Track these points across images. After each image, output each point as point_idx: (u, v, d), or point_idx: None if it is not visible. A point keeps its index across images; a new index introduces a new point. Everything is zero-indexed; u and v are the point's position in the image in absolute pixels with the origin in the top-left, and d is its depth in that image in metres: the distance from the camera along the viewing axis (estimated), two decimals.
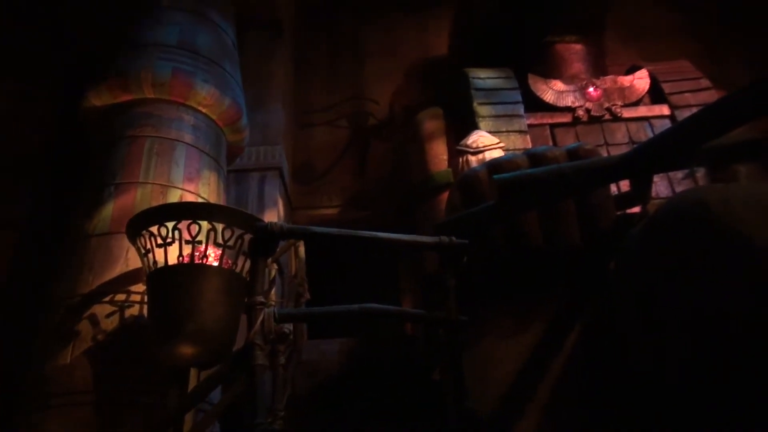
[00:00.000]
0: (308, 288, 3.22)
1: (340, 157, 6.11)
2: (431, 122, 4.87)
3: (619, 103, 4.57)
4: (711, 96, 4.45)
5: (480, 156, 3.99)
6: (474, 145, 4.05)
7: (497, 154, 3.97)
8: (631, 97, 4.63)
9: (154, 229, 3.00)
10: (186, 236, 2.96)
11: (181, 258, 2.96)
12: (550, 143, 4.46)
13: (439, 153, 4.72)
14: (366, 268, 5.98)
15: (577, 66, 4.88)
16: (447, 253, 2.34)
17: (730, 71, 5.86)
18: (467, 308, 2.51)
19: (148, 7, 4.35)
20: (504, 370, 2.54)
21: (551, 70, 4.86)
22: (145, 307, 3.28)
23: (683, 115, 4.34)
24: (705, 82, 4.63)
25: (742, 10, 6.29)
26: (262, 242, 2.12)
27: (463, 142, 4.14)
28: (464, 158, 4.03)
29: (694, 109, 4.26)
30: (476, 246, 2.55)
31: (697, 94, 4.51)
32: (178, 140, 3.94)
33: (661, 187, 4.05)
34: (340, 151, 6.13)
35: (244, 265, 3.01)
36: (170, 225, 2.97)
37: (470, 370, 2.42)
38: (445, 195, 3.72)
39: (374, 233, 2.26)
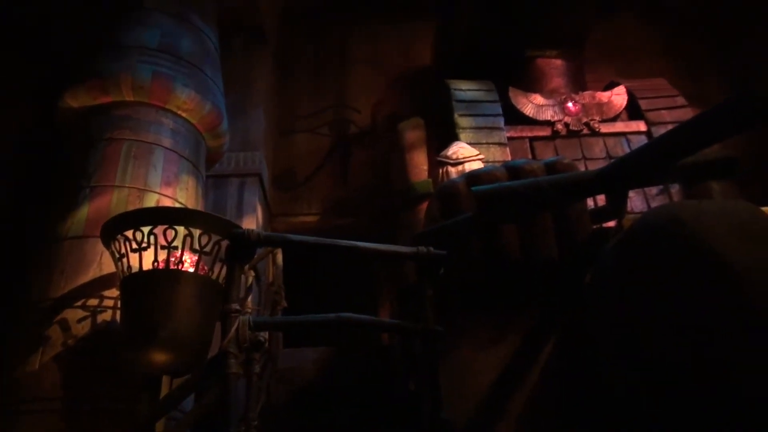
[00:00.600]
0: (285, 296, 3.20)
1: (321, 165, 6.10)
2: (413, 132, 4.89)
3: (597, 118, 4.64)
4: (686, 113, 4.55)
5: (460, 167, 4.02)
6: (454, 156, 4.08)
7: (477, 165, 4.00)
8: (609, 112, 4.70)
9: (129, 233, 2.95)
10: (162, 241, 2.91)
11: (156, 263, 2.92)
12: (530, 156, 4.51)
13: (419, 163, 4.74)
14: (345, 276, 5.97)
15: (557, 81, 4.95)
16: (425, 264, 2.34)
17: (705, 90, 6.00)
18: (444, 318, 2.51)
19: (129, 9, 4.30)
20: (480, 381, 2.55)
21: (532, 83, 4.93)
22: (118, 312, 3.22)
23: (659, 131, 4.43)
24: (680, 100, 4.73)
25: (717, 31, 6.44)
26: (239, 249, 2.10)
27: (443, 152, 4.16)
28: (444, 169, 4.05)
29: (670, 126, 4.35)
30: (454, 257, 2.56)
31: (673, 112, 4.61)
32: (157, 144, 3.89)
33: (636, 201, 4.11)
34: (322, 159, 6.13)
35: (220, 271, 2.97)
36: (146, 230, 2.92)
37: (446, 381, 2.42)
38: (425, 205, 3.73)
39: (352, 242, 2.25)
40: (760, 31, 5.87)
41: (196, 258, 2.95)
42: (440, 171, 4.08)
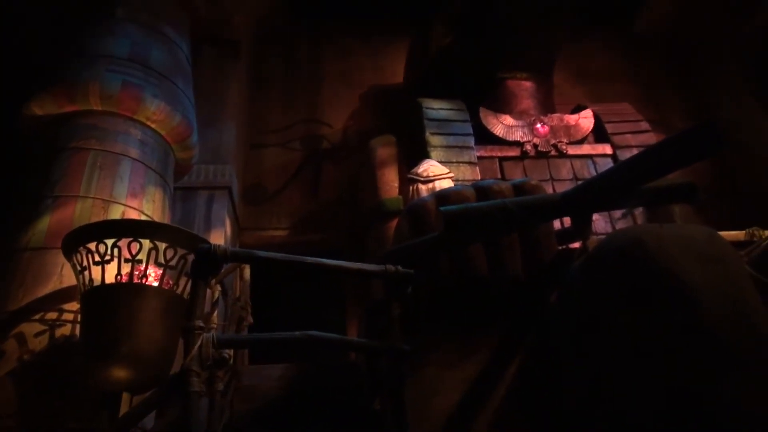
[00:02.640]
0: (251, 312, 3.16)
1: (292, 179, 6.07)
2: (384, 149, 4.92)
3: (565, 140, 4.74)
4: (650, 138, 4.69)
5: (430, 185, 4.05)
6: (425, 174, 4.12)
7: (447, 183, 4.04)
8: (577, 135, 4.81)
9: (92, 245, 2.88)
10: (126, 254, 2.85)
11: (119, 277, 2.86)
12: (499, 176, 4.57)
13: (390, 180, 4.76)
14: (313, 292, 5.93)
15: (527, 102, 5.04)
16: (392, 282, 2.34)
17: (667, 116, 6.20)
18: (411, 337, 2.51)
19: (100, 18, 4.24)
20: (446, 400, 2.55)
21: (502, 104, 5.01)
22: (78, 326, 3.13)
23: (624, 154, 4.55)
24: (645, 125, 4.87)
25: (680, 59, 6.67)
26: (205, 265, 2.08)
27: (414, 170, 4.19)
28: (415, 186, 4.08)
29: (635, 150, 4.48)
30: (422, 275, 2.57)
31: (637, 136, 4.74)
32: (124, 154, 3.83)
33: (601, 223, 4.20)
34: (292, 173, 6.10)
35: (186, 286, 2.93)
36: (110, 242, 2.86)
37: (412, 400, 2.42)
38: (395, 221, 3.75)
39: (320, 260, 2.24)
40: (720, 62, 6.10)
41: (161, 272, 2.89)
42: (411, 188, 4.10)
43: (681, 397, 1.88)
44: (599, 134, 4.88)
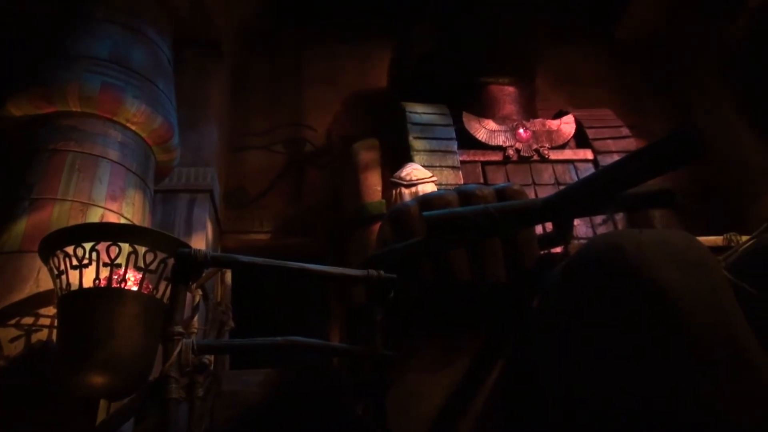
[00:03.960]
0: (233, 316, 3.13)
1: (274, 183, 6.04)
2: (367, 153, 4.92)
3: (547, 145, 4.77)
4: (630, 144, 4.74)
5: (413, 189, 4.06)
6: (408, 178, 4.12)
7: (430, 187, 4.05)
8: (558, 140, 4.85)
9: (69, 249, 2.83)
10: (104, 258, 2.81)
11: (97, 281, 2.81)
12: (482, 180, 4.59)
13: (373, 184, 4.75)
14: (296, 296, 5.90)
15: (510, 107, 5.08)
16: (375, 287, 2.34)
17: (647, 122, 6.27)
18: (394, 341, 2.51)
19: (80, 19, 4.19)
20: (428, 405, 2.55)
21: (485, 109, 5.04)
22: (55, 332, 3.08)
23: (605, 160, 4.59)
24: (625, 131, 4.93)
25: (661, 66, 6.76)
26: (185, 270, 2.05)
27: (397, 173, 4.20)
28: (398, 190, 4.08)
29: (615, 156, 4.53)
30: (405, 280, 2.57)
31: (618, 141, 4.79)
32: (103, 156, 3.78)
33: (582, 228, 4.23)
34: (275, 176, 6.07)
35: (166, 290, 2.89)
36: (88, 246, 2.82)
37: (394, 405, 2.41)
38: (378, 225, 3.74)
39: (302, 265, 2.23)
40: (699, 69, 6.19)
41: (141, 276, 2.86)
42: (394, 192, 4.11)
43: (660, 402, 1.90)
44: (581, 139, 4.92)
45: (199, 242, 4.72)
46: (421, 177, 4.12)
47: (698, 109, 6.16)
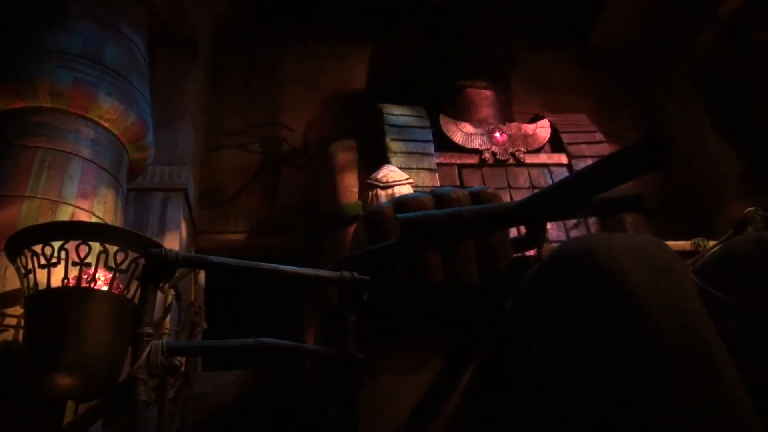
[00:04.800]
0: (205, 317, 3.10)
1: (250, 182, 5.99)
2: (344, 154, 4.91)
3: (523, 149, 4.82)
4: (604, 149, 4.81)
5: (389, 190, 4.06)
6: (384, 180, 4.12)
7: (406, 189, 4.06)
8: (534, 144, 4.90)
9: (37, 248, 2.78)
10: (74, 257, 2.76)
11: (66, 281, 2.76)
12: (458, 183, 4.62)
13: (350, 185, 4.75)
14: (271, 297, 5.86)
15: (486, 111, 5.12)
16: (348, 289, 2.33)
17: (621, 127, 6.38)
18: (367, 344, 2.50)
19: (52, 13, 4.10)
20: (400, 408, 2.55)
21: (462, 112, 5.07)
22: (22, 332, 3.01)
23: (579, 164, 4.65)
24: (599, 136, 5.01)
25: (634, 73, 6.88)
26: (156, 270, 2.02)
27: (373, 175, 4.20)
28: (374, 192, 4.08)
29: (589, 160, 4.60)
30: (379, 282, 2.57)
31: (592, 146, 4.86)
32: (75, 154, 3.71)
33: (556, 231, 4.28)
34: (251, 176, 6.02)
35: (137, 291, 2.84)
36: (57, 245, 2.76)
37: (366, 407, 2.41)
38: (354, 227, 3.74)
39: (275, 266, 2.22)
40: (671, 76, 6.31)
41: (111, 276, 2.81)
42: (370, 193, 4.10)
43: (628, 403, 1.92)
44: (556, 144, 4.98)
45: (173, 242, 4.66)
46: (397, 179, 4.12)
47: (670, 116, 6.29)
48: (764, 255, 2.19)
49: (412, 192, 3.93)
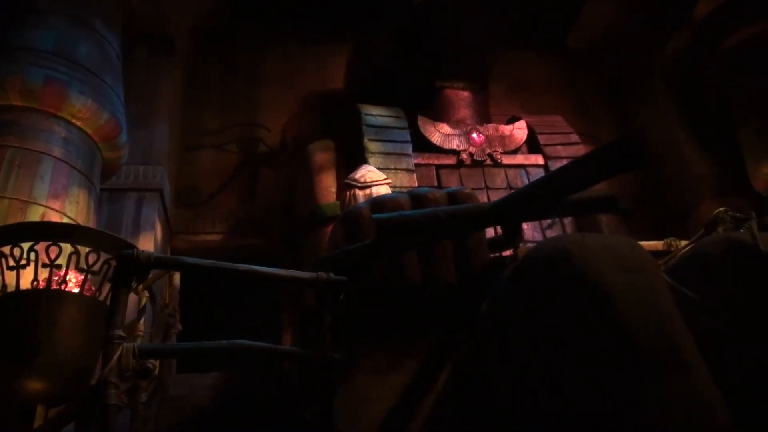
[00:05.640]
0: (180, 319, 3.06)
1: (228, 183, 5.94)
2: (322, 154, 4.89)
3: (500, 150, 4.85)
4: (579, 150, 4.87)
5: (367, 191, 4.06)
6: (362, 180, 4.12)
7: (384, 189, 4.06)
8: (511, 145, 4.94)
9: (6, 249, 2.71)
10: (44, 259, 2.70)
11: (36, 283, 2.70)
12: (436, 183, 4.63)
13: (328, 185, 4.74)
14: (249, 299, 5.81)
15: (464, 112, 5.14)
16: (325, 290, 2.32)
17: (597, 129, 6.46)
18: (344, 344, 2.49)
19: (24, 9, 4.02)
20: (377, 408, 2.54)
21: (440, 113, 5.09)
22: None
23: (555, 165, 4.70)
24: (575, 137, 5.06)
25: (610, 75, 6.96)
26: (127, 271, 1.99)
27: (351, 175, 4.19)
28: (352, 192, 4.08)
29: (565, 161, 4.64)
30: (356, 282, 2.56)
31: (568, 148, 4.92)
32: (46, 153, 3.65)
33: (531, 232, 4.32)
34: (228, 177, 5.97)
35: (110, 293, 2.79)
36: (26, 246, 2.70)
37: (343, 408, 2.40)
38: (331, 227, 3.72)
39: (250, 267, 2.20)
40: (646, 78, 6.40)
41: (83, 278, 2.76)
42: (348, 194, 4.10)
43: (601, 401, 1.94)
44: (532, 145, 5.03)
45: (148, 243, 4.60)
46: (375, 179, 4.12)
47: (644, 118, 6.38)
48: (733, 255, 2.23)
49: (390, 192, 3.93)
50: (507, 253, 2.83)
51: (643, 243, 2.42)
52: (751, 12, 5.01)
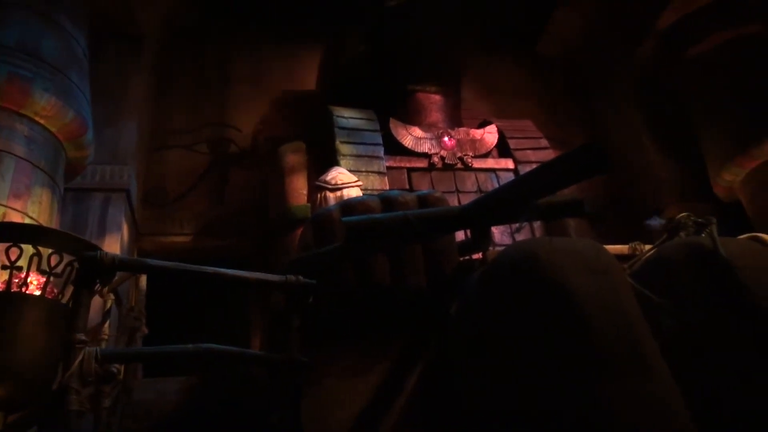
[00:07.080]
0: (146, 322, 3.00)
1: (197, 183, 5.85)
2: (293, 156, 4.87)
3: (471, 153, 4.89)
4: (549, 155, 4.94)
5: (338, 193, 4.05)
6: (333, 182, 4.11)
7: (355, 192, 4.05)
8: (481, 149, 4.98)
9: None
10: (3, 260, 2.63)
11: None
12: (407, 186, 4.65)
13: (299, 187, 4.71)
14: (217, 302, 5.74)
15: (436, 115, 5.17)
16: (293, 293, 2.30)
17: (567, 134, 6.55)
18: (313, 348, 2.47)
19: None
20: (345, 411, 2.53)
21: (412, 116, 5.11)
22: None
23: (525, 169, 4.76)
24: (544, 142, 5.14)
25: (579, 81, 7.08)
26: (90, 274, 1.94)
27: (322, 177, 4.17)
28: (323, 194, 4.06)
29: (534, 165, 4.69)
30: (325, 285, 2.55)
31: (537, 152, 4.98)
32: (7, 151, 3.56)
33: (500, 235, 4.36)
34: (197, 177, 5.88)
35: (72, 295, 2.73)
36: None
37: (311, 412, 2.38)
38: (302, 230, 3.70)
39: (217, 269, 2.17)
40: (613, 84, 6.53)
41: (45, 280, 2.69)
42: (318, 196, 4.08)
43: (565, 402, 1.97)
44: (503, 149, 5.08)
45: (114, 244, 4.51)
46: (346, 181, 4.11)
47: (611, 124, 6.50)
48: (695, 260, 2.28)
49: (361, 195, 3.93)
50: (476, 256, 2.85)
51: (609, 247, 2.46)
52: (712, 23, 5.17)
